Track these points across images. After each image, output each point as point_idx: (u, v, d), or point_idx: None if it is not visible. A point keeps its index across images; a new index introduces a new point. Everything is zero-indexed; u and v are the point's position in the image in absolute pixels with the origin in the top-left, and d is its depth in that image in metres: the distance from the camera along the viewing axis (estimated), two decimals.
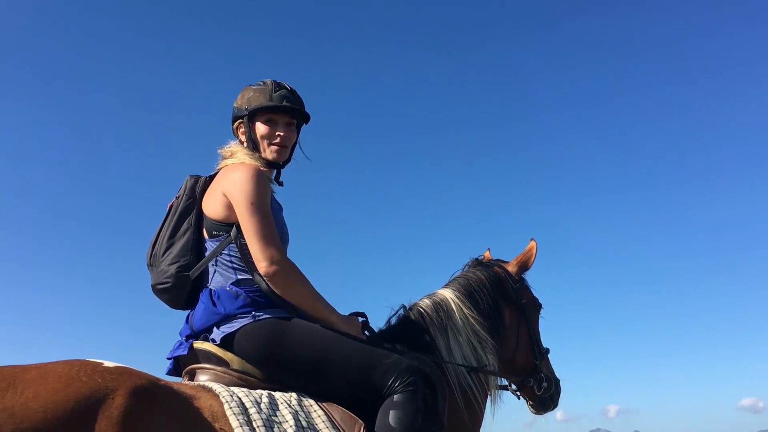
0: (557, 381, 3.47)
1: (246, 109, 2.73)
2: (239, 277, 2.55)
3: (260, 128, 2.73)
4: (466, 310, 3.07)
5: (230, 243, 2.57)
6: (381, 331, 2.99)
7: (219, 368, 2.42)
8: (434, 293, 3.19)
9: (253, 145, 2.74)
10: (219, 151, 2.80)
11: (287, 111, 2.75)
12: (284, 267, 2.48)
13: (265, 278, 2.47)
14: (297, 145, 2.85)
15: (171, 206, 2.74)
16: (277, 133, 2.73)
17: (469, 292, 3.18)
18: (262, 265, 2.46)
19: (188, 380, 2.48)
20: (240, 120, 2.77)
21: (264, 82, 2.79)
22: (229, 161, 2.72)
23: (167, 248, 2.65)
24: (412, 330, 2.99)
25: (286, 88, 2.78)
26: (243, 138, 2.77)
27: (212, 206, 2.63)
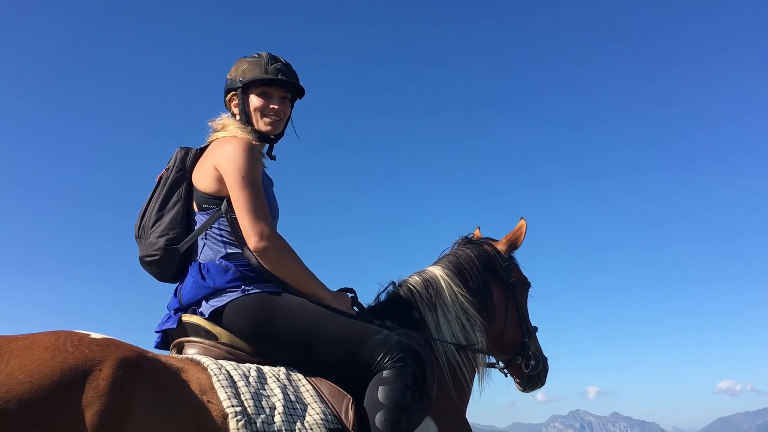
0: (545, 359, 3.51)
1: (240, 81, 2.70)
2: (229, 251, 2.54)
3: (254, 101, 2.70)
4: (455, 288, 3.10)
5: (220, 217, 2.55)
6: (370, 307, 3.00)
7: (207, 342, 2.42)
8: (424, 270, 3.21)
9: (246, 118, 2.71)
10: (210, 123, 2.77)
11: (282, 84, 2.72)
12: (274, 242, 2.47)
13: (254, 253, 2.46)
14: (289, 121, 2.82)
15: (160, 178, 2.71)
16: (271, 106, 2.70)
17: (458, 269, 3.21)
18: (252, 240, 2.45)
19: (176, 353, 2.48)
20: (233, 92, 2.74)
21: (259, 55, 2.75)
22: (220, 134, 2.69)
23: (156, 220, 2.63)
24: (402, 306, 3.01)
25: (282, 62, 2.75)
26: (236, 110, 2.74)
27: (203, 179, 2.60)
